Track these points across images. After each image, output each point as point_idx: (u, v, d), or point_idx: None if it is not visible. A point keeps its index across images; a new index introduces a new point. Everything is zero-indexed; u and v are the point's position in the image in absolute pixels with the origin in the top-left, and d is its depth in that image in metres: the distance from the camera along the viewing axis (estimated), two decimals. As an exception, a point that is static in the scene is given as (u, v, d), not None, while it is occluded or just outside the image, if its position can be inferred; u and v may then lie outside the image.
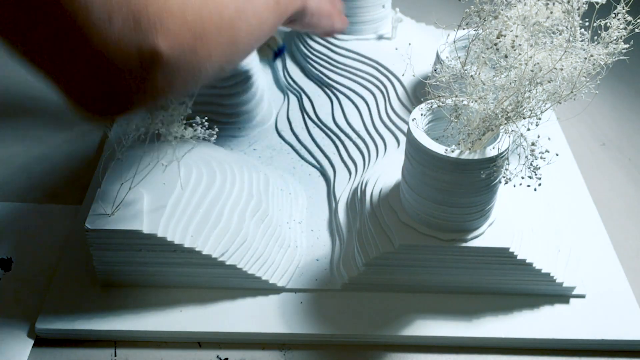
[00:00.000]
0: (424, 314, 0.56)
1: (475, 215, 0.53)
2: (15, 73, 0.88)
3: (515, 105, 0.46)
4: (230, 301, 0.57)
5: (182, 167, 0.58)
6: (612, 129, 0.82)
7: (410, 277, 0.57)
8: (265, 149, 0.74)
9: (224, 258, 0.55)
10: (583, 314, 0.57)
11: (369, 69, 0.78)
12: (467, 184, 0.50)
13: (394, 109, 0.72)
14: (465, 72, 0.49)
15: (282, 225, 0.62)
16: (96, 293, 0.58)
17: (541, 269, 0.55)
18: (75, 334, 0.55)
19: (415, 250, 0.54)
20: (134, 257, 0.55)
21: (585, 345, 0.55)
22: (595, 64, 0.46)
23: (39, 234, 0.64)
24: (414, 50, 0.68)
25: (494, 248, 0.54)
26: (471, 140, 0.49)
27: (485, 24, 0.48)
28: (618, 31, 0.45)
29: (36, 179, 0.71)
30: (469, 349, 0.55)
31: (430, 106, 0.53)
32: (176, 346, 0.55)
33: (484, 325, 0.55)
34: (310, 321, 0.56)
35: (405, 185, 0.55)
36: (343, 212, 0.64)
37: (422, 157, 0.50)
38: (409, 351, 0.55)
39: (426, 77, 0.56)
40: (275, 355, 0.54)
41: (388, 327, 0.55)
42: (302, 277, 0.59)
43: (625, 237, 0.66)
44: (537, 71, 0.45)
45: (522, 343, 0.55)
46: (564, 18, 0.47)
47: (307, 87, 0.80)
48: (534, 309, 0.57)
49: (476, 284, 0.57)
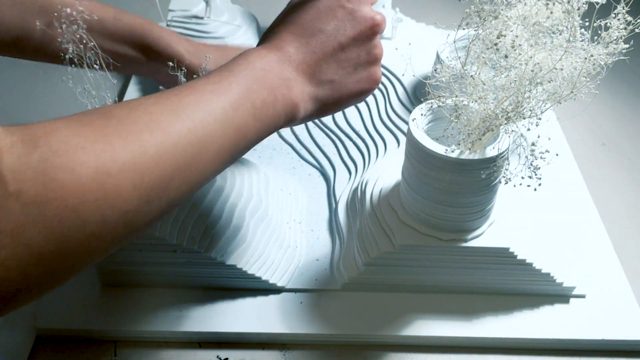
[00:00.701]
0: (424, 314, 0.56)
1: (475, 215, 0.53)
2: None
3: (515, 105, 0.46)
4: (230, 301, 0.57)
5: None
6: (612, 129, 0.82)
7: (410, 277, 0.57)
8: (265, 149, 0.74)
9: (224, 258, 0.55)
10: (583, 314, 0.57)
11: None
12: (467, 184, 0.50)
13: (394, 109, 0.72)
14: (465, 72, 0.49)
15: (282, 225, 0.62)
16: (96, 293, 0.58)
17: (541, 269, 0.55)
18: (75, 334, 0.55)
19: (415, 250, 0.54)
20: (134, 257, 0.55)
21: (586, 345, 0.55)
22: (595, 64, 0.46)
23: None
24: (414, 50, 0.68)
25: (494, 248, 0.54)
26: (471, 140, 0.49)
27: (485, 24, 0.48)
28: (618, 31, 0.45)
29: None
30: (469, 349, 0.55)
31: (430, 106, 0.53)
32: (176, 346, 0.55)
33: (484, 325, 0.55)
34: (310, 321, 0.56)
35: (405, 185, 0.55)
36: (343, 212, 0.64)
37: (422, 157, 0.50)
38: (409, 351, 0.55)
39: (426, 77, 0.56)
40: (275, 355, 0.54)
41: (388, 327, 0.55)
42: (302, 277, 0.59)
43: (625, 237, 0.66)
44: (537, 71, 0.45)
45: (522, 343, 0.55)
46: (564, 18, 0.47)
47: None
48: (534, 309, 0.57)
49: (476, 284, 0.57)
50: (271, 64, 0.45)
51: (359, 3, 0.48)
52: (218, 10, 0.79)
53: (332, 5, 0.47)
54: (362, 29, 0.47)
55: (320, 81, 0.47)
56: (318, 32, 0.47)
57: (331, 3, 0.47)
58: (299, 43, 0.46)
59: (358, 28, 0.47)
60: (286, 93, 0.44)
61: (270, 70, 0.44)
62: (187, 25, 0.77)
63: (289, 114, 0.45)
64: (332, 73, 0.47)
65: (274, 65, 0.45)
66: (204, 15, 0.78)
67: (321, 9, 0.47)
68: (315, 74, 0.47)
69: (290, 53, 0.46)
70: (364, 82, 0.49)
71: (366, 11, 0.48)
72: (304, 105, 0.46)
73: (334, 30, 0.47)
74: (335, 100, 0.48)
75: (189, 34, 0.77)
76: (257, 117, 0.42)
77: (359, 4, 0.48)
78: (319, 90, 0.47)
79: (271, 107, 0.43)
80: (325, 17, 0.47)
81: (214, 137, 0.39)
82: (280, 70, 0.45)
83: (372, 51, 0.49)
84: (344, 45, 0.47)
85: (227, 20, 0.78)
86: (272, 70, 0.44)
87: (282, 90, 0.44)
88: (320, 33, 0.47)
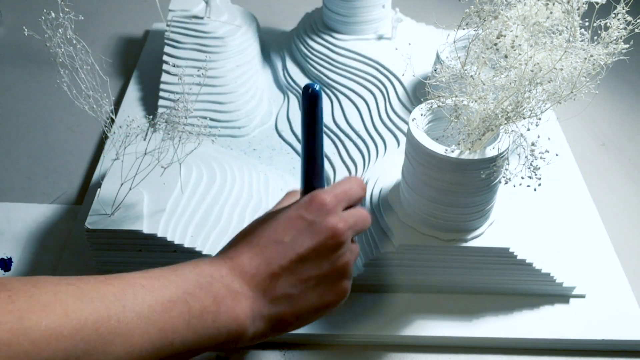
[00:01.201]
0: (424, 314, 0.56)
1: (475, 215, 0.53)
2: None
3: (515, 105, 0.46)
4: (230, 301, 0.57)
5: (183, 167, 0.58)
6: (612, 129, 0.82)
7: (410, 277, 0.57)
8: (265, 149, 0.74)
9: (224, 258, 0.55)
10: (583, 314, 0.57)
11: (369, 69, 0.78)
12: (467, 184, 0.50)
13: (394, 109, 0.72)
14: (465, 72, 0.49)
15: (282, 225, 0.62)
16: (96, 293, 0.57)
17: (541, 269, 0.55)
18: (75, 334, 0.55)
19: (415, 250, 0.54)
20: (134, 257, 0.55)
21: (585, 345, 0.55)
22: (595, 64, 0.46)
23: (39, 234, 0.64)
24: (414, 50, 0.68)
25: (494, 248, 0.54)
26: (471, 140, 0.49)
27: (485, 24, 0.48)
28: (618, 31, 0.45)
29: (36, 179, 0.71)
30: (469, 349, 0.55)
31: (430, 106, 0.53)
32: (176, 346, 0.55)
33: (484, 325, 0.55)
34: (310, 321, 0.55)
35: (405, 185, 0.55)
36: (343, 212, 0.64)
37: (422, 157, 0.50)
38: (409, 351, 0.55)
39: (426, 77, 0.56)
40: (275, 355, 0.54)
41: (388, 327, 0.55)
42: (302, 277, 0.59)
43: (625, 237, 0.66)
44: (537, 71, 0.45)
45: (522, 343, 0.55)
46: (564, 18, 0.47)
47: (307, 87, 0.80)
48: (534, 309, 0.57)
49: (476, 284, 0.57)
50: (221, 272, 0.42)
51: (320, 214, 0.44)
52: (218, 10, 0.79)
53: (292, 215, 0.44)
54: (320, 240, 0.43)
55: (275, 297, 0.43)
56: (275, 243, 0.43)
57: (292, 214, 0.44)
58: (253, 253, 0.43)
59: (316, 239, 0.43)
60: (231, 306, 0.40)
61: (218, 278, 0.41)
62: (187, 25, 0.78)
63: (232, 332, 0.41)
64: (290, 287, 0.43)
65: (223, 274, 0.42)
66: (204, 15, 0.78)
67: (280, 220, 0.44)
68: (269, 288, 0.42)
69: (244, 264, 0.42)
70: (329, 295, 0.45)
71: (328, 221, 0.44)
72: (252, 323, 0.42)
73: (291, 242, 0.43)
74: (293, 316, 0.44)
75: (189, 34, 0.77)
76: (191, 326, 0.38)
77: (321, 214, 0.44)
78: (273, 307, 0.43)
79: (211, 318, 0.39)
80: (283, 229, 0.44)
81: (129, 331, 0.36)
82: (230, 281, 0.41)
83: (337, 262, 0.44)
84: (303, 257, 0.43)
85: (227, 20, 0.78)
86: (221, 279, 0.41)
87: (228, 302, 0.40)
88: (277, 244, 0.43)
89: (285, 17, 0.96)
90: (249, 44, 0.79)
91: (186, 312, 0.38)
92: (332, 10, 0.81)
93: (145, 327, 0.36)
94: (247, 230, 0.45)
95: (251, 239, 0.44)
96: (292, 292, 0.43)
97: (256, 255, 0.43)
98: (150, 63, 0.86)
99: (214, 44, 0.76)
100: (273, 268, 0.42)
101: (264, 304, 0.42)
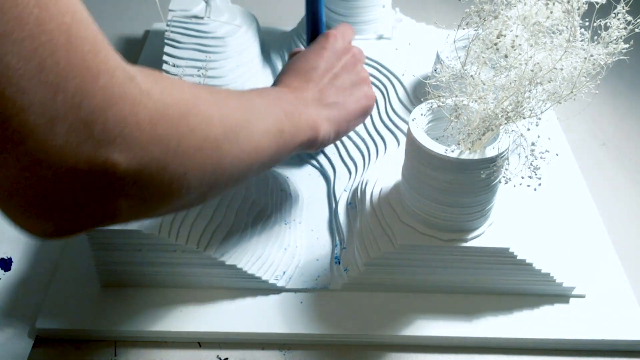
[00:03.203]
0: (424, 314, 0.56)
1: (475, 215, 0.53)
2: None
3: (515, 105, 0.46)
4: (230, 301, 0.57)
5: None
6: (612, 129, 0.81)
7: (410, 277, 0.57)
8: (265, 149, 0.73)
9: (224, 258, 0.55)
10: (583, 314, 0.57)
11: (368, 69, 0.77)
12: (467, 184, 0.50)
13: (394, 109, 0.72)
14: (465, 72, 0.49)
15: (282, 226, 0.62)
16: (96, 293, 0.58)
17: (541, 269, 0.55)
18: (75, 334, 0.55)
19: (415, 250, 0.54)
20: (134, 257, 0.55)
21: (585, 345, 0.55)
22: (595, 64, 0.46)
23: (39, 234, 0.64)
24: (414, 50, 0.68)
25: (494, 248, 0.54)
26: (471, 140, 0.49)
27: (485, 24, 0.48)
28: (618, 31, 0.45)
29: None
30: (469, 349, 0.55)
31: (430, 106, 0.53)
32: (176, 346, 0.55)
33: (484, 325, 0.55)
34: (310, 321, 0.56)
35: (405, 185, 0.55)
36: (343, 212, 0.64)
37: (422, 157, 0.50)
38: (409, 351, 0.55)
39: (426, 77, 0.56)
40: (275, 355, 0.54)
41: (388, 327, 0.55)
42: (302, 277, 0.59)
43: (625, 237, 0.66)
44: (537, 71, 0.45)
45: (522, 343, 0.55)
46: (564, 18, 0.47)
47: (307, 87, 0.80)
48: (534, 309, 0.57)
49: (476, 284, 0.57)
50: (284, 92, 0.52)
51: (336, 42, 0.59)
52: (218, 10, 0.79)
53: (317, 49, 0.59)
54: (345, 59, 0.59)
55: (327, 104, 0.54)
56: (312, 70, 0.56)
57: (316, 48, 0.59)
58: (300, 79, 0.55)
59: (341, 59, 0.59)
60: (304, 110, 0.51)
61: (284, 96, 0.52)
62: (187, 25, 0.77)
63: (312, 129, 0.51)
64: (335, 96, 0.55)
65: (288, 95, 0.52)
66: (204, 15, 0.78)
67: (309, 56, 0.58)
68: (321, 99, 0.54)
69: (297, 86, 0.54)
70: (363, 99, 0.57)
71: (345, 46, 0.60)
72: (321, 124, 0.52)
73: (324, 65, 0.57)
74: (345, 118, 0.55)
75: (189, 34, 0.77)
76: (288, 117, 0.48)
77: (337, 42, 0.59)
78: (330, 111, 0.54)
79: (296, 118, 0.49)
80: (314, 59, 0.57)
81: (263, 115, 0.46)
82: (294, 97, 0.52)
83: (360, 74, 0.59)
84: (336, 74, 0.57)
85: (227, 20, 0.78)
86: (286, 96, 0.52)
87: (301, 108, 0.51)
88: (315, 70, 0.56)
89: (285, 17, 0.96)
90: (249, 44, 0.79)
91: (282, 111, 0.48)
92: (332, 10, 0.81)
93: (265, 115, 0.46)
94: (285, 71, 0.58)
95: (292, 73, 0.56)
96: (337, 100, 0.55)
97: (303, 80, 0.55)
98: (150, 63, 0.85)
99: (214, 44, 0.76)
100: (318, 86, 0.55)
101: (323, 110, 0.53)
